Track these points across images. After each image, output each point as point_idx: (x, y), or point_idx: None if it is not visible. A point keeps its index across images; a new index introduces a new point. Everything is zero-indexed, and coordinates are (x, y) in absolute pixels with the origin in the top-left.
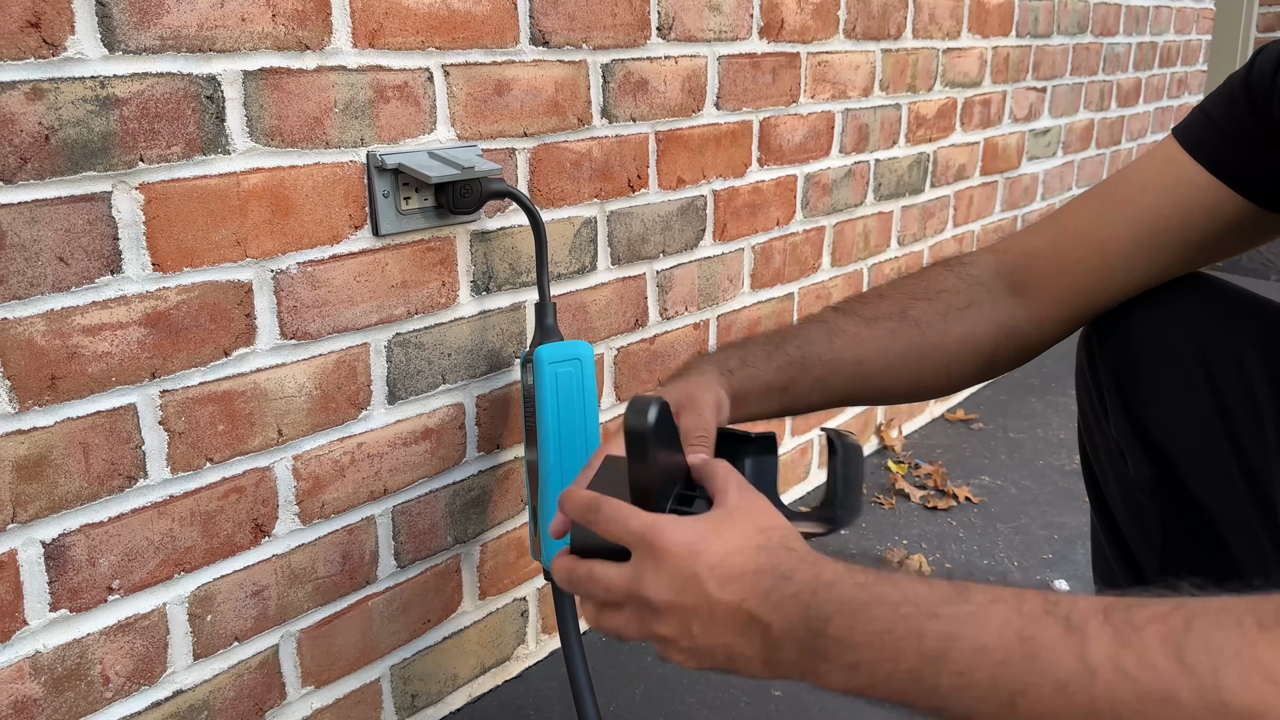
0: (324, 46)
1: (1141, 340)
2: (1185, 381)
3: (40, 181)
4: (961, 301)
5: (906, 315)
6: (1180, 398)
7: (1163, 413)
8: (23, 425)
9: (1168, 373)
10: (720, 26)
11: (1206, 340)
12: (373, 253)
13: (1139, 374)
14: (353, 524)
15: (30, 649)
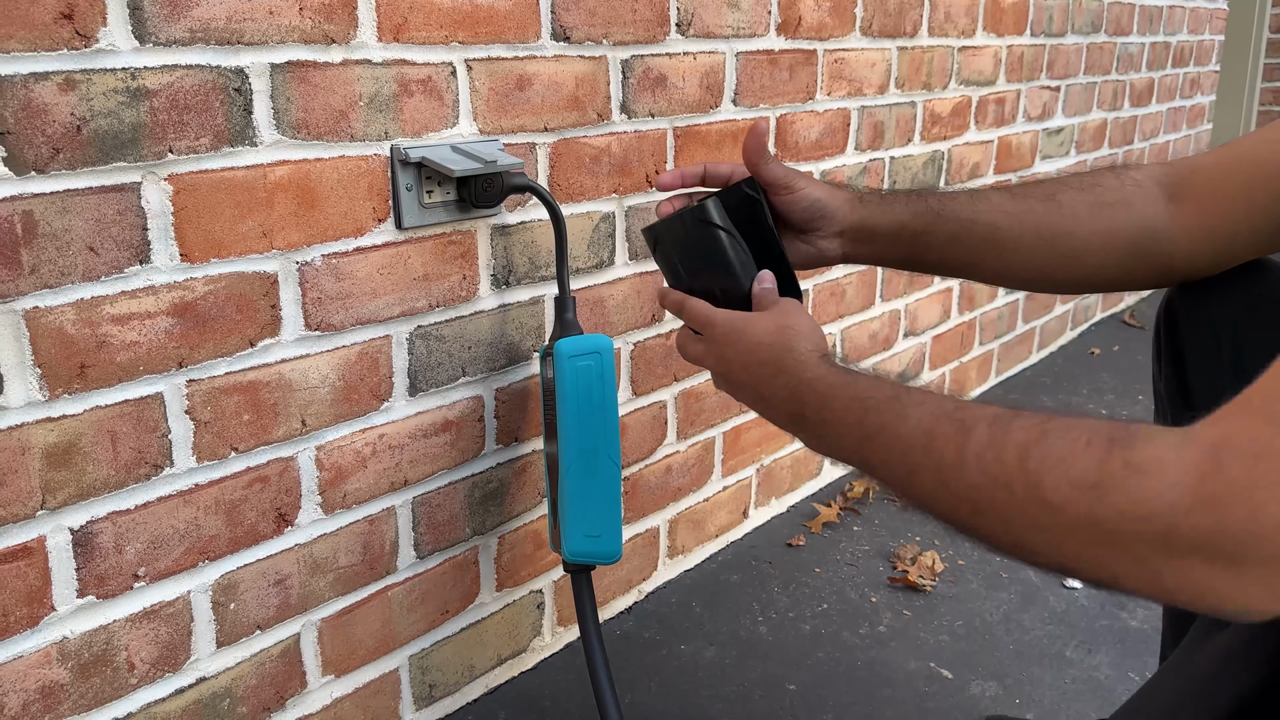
0: (350, 40)
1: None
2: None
3: (72, 172)
4: (1113, 197)
5: (1055, 198)
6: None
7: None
8: (52, 413)
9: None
10: (738, 23)
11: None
12: (395, 245)
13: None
14: (374, 514)
15: (58, 635)
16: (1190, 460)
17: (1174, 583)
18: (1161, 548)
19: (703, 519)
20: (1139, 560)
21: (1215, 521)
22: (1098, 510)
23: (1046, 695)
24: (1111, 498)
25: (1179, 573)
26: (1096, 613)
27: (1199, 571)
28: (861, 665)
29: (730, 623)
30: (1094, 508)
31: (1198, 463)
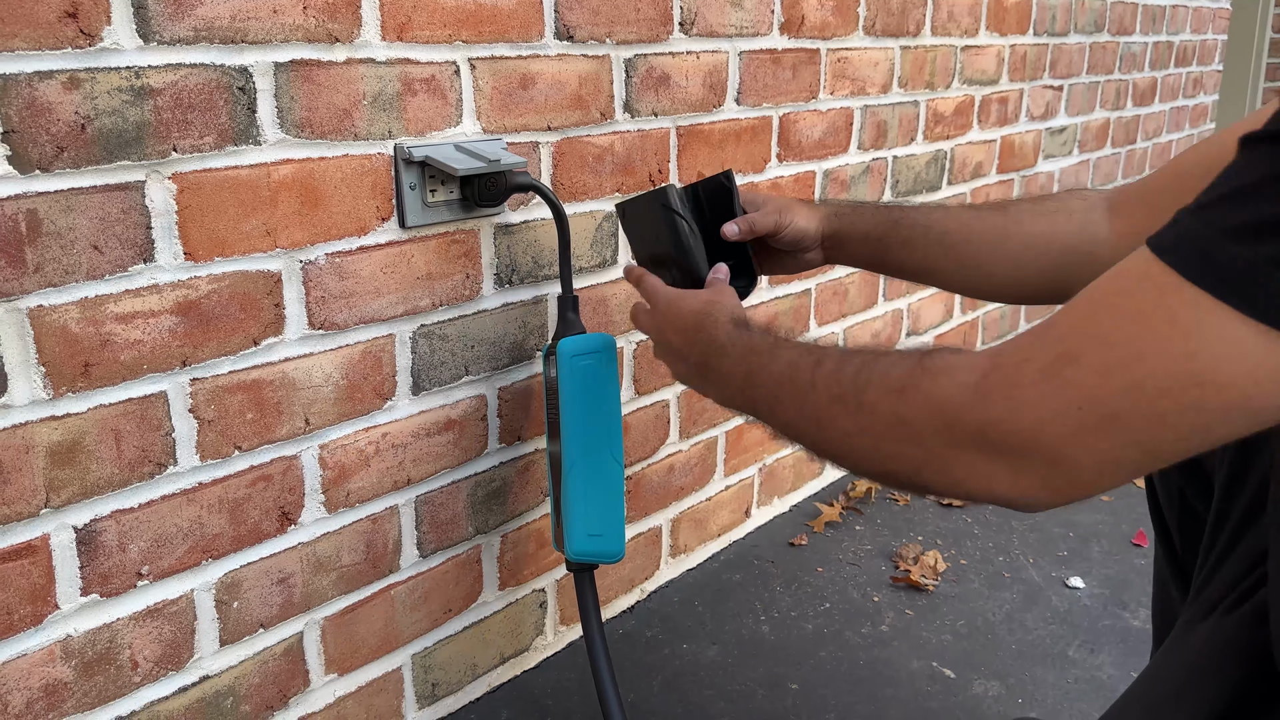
0: (353, 39)
1: None
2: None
3: (76, 170)
4: (1056, 206)
5: (1006, 208)
6: None
7: None
8: (56, 411)
9: None
10: (742, 22)
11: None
12: (399, 244)
13: None
14: (377, 513)
15: (61, 633)
16: (974, 363)
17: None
18: (948, 439)
19: (705, 518)
20: (932, 453)
21: (985, 414)
22: (900, 409)
23: (1049, 695)
24: (910, 396)
25: (965, 465)
26: (1099, 612)
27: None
28: (864, 664)
29: (732, 622)
30: (897, 407)
31: (979, 365)
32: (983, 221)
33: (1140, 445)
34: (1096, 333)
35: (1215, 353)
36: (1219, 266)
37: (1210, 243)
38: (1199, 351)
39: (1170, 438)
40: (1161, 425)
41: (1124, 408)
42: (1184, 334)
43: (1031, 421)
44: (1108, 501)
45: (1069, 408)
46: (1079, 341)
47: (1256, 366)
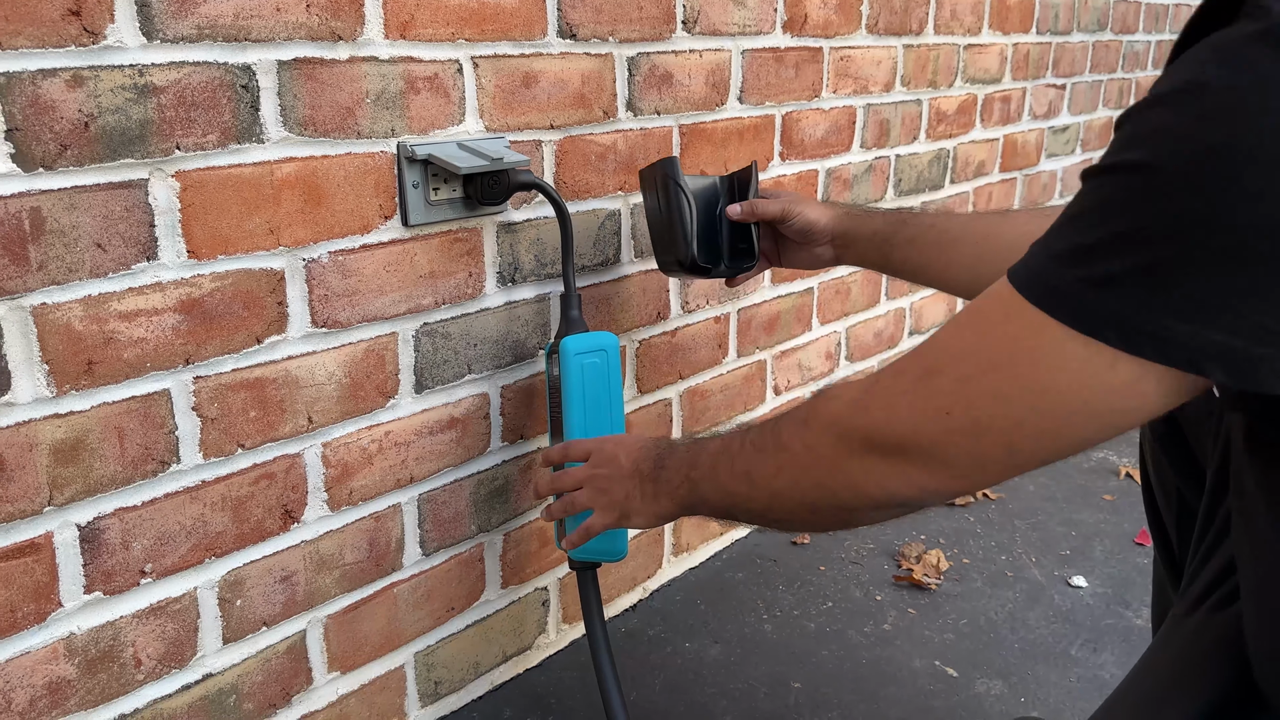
0: (356, 37)
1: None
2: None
3: (79, 168)
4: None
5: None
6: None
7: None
8: (60, 409)
9: None
10: (744, 20)
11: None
12: (402, 243)
13: None
14: (379, 511)
15: (65, 630)
16: (859, 384)
17: (861, 478)
18: (845, 449)
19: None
20: (836, 466)
21: (868, 421)
22: (805, 436)
23: (1052, 694)
24: (811, 422)
25: (861, 469)
26: (1102, 611)
27: (874, 466)
28: (866, 663)
29: (735, 620)
30: (804, 435)
31: (863, 384)
32: (983, 222)
33: (1004, 446)
34: (957, 348)
35: (1051, 364)
36: (1050, 288)
37: (1043, 267)
38: (1039, 363)
39: (1027, 439)
40: (1018, 429)
41: (983, 413)
42: (1026, 349)
43: (907, 425)
44: (1110, 501)
45: (938, 413)
46: (943, 356)
47: (1085, 374)
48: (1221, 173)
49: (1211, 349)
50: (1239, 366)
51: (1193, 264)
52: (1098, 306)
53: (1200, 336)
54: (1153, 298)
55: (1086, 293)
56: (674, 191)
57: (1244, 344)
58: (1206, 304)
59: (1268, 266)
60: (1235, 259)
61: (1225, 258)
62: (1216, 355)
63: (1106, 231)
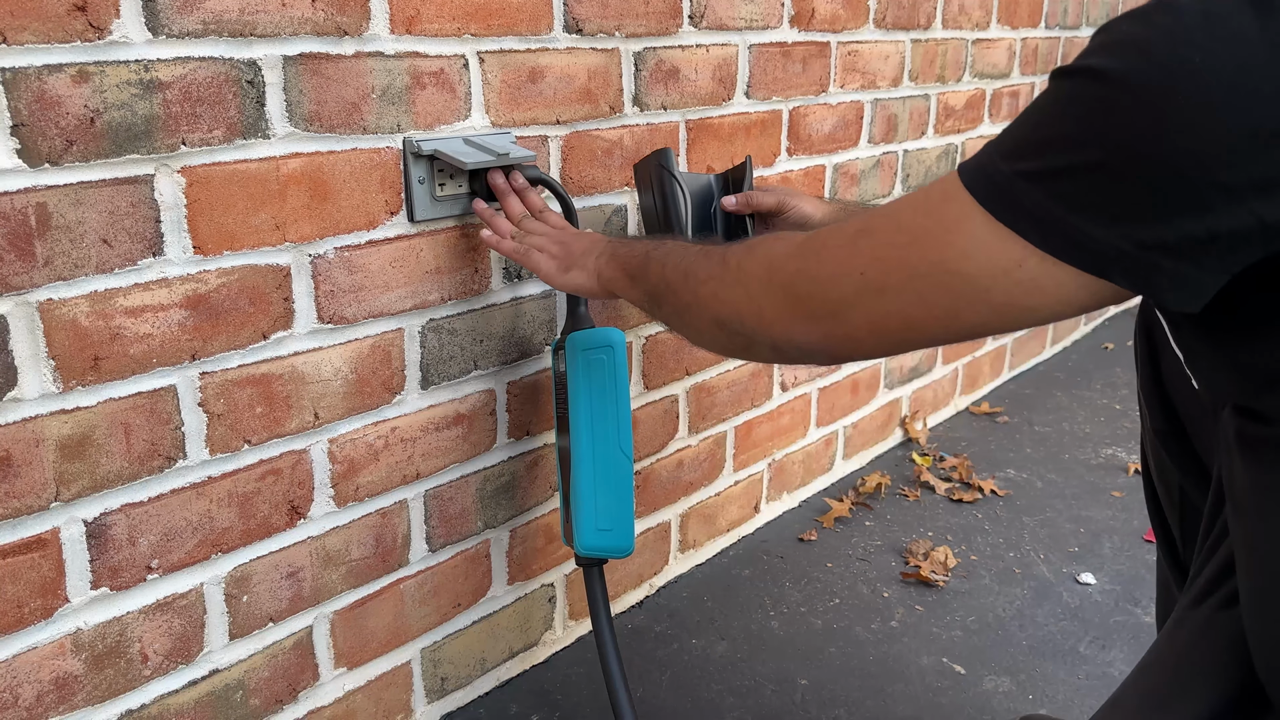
0: (362, 32)
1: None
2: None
3: (85, 164)
4: None
5: None
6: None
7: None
8: (66, 405)
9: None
10: (751, 15)
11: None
12: (408, 238)
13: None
14: (386, 507)
15: (71, 626)
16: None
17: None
18: (767, 283)
19: (714, 513)
20: (754, 296)
21: (798, 264)
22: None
23: (1060, 691)
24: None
25: (773, 309)
26: (1110, 609)
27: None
28: (873, 660)
29: (741, 617)
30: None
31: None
32: None
33: (902, 316)
34: (894, 217)
35: (966, 247)
36: (986, 176)
37: (988, 158)
38: (955, 243)
39: (926, 315)
40: (920, 302)
41: (894, 281)
42: (948, 228)
43: (828, 275)
44: (1119, 497)
45: (855, 270)
46: (881, 222)
47: (993, 263)
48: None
49: (1117, 255)
50: (1141, 275)
51: (1118, 172)
52: (1022, 197)
53: (1110, 242)
54: (1074, 197)
55: (1017, 183)
56: (668, 183)
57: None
58: (1122, 212)
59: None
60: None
61: (1148, 172)
62: (1122, 262)
63: (1051, 130)
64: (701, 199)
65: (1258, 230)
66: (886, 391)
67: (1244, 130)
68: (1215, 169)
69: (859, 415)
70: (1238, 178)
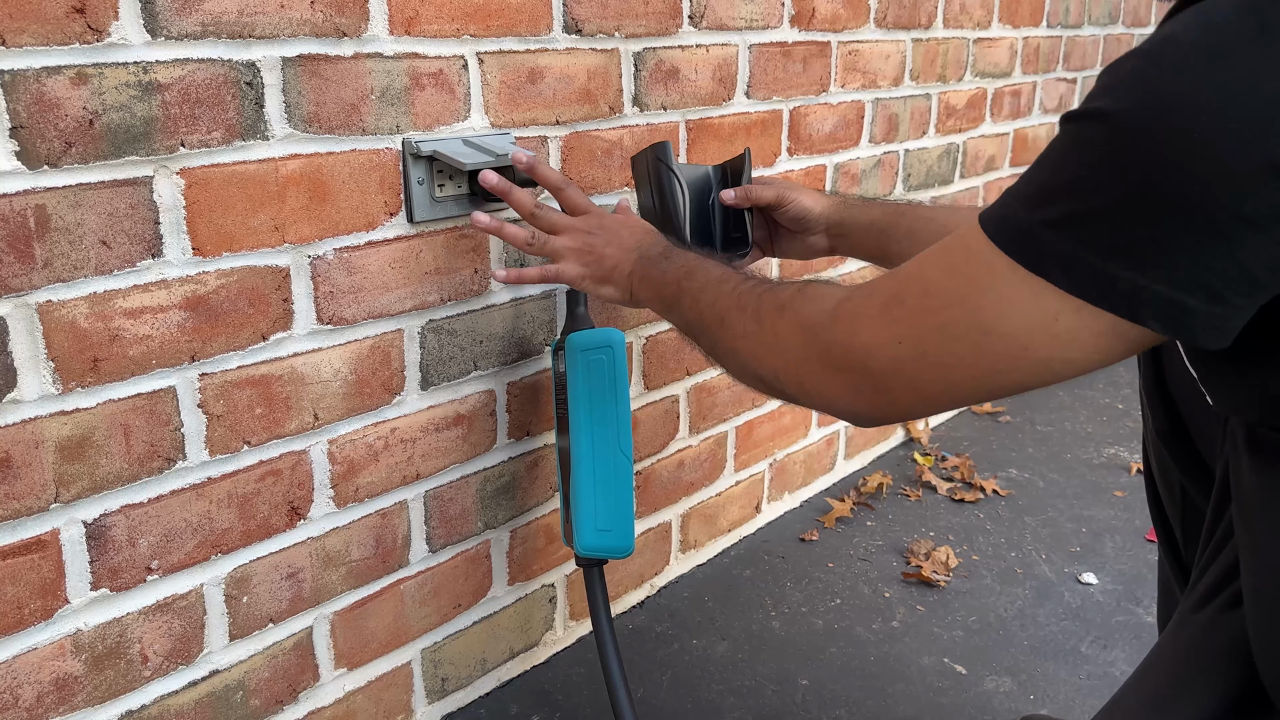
0: (361, 34)
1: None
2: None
3: (84, 166)
4: None
5: None
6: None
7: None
8: (66, 406)
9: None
10: (752, 15)
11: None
12: (407, 239)
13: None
14: (386, 508)
15: (71, 627)
16: (836, 294)
17: (810, 384)
18: (804, 353)
19: (715, 513)
20: (790, 362)
21: (832, 335)
22: (777, 323)
23: (1061, 691)
24: (787, 314)
25: (813, 376)
26: (1112, 608)
27: (824, 376)
28: (874, 660)
29: (742, 617)
30: (776, 321)
31: (839, 296)
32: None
33: (943, 381)
34: (922, 281)
35: (1000, 307)
36: (1010, 227)
37: (1008, 207)
38: (989, 304)
39: (966, 377)
40: (960, 365)
41: (931, 346)
42: (981, 289)
43: (864, 346)
44: (1121, 497)
45: (892, 340)
46: (909, 286)
47: (1030, 317)
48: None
49: (1149, 297)
50: (1173, 318)
51: (1139, 214)
52: (1049, 247)
53: (1140, 285)
54: (1100, 242)
55: (1043, 233)
56: (665, 176)
57: (1180, 296)
58: (1149, 254)
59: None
60: (1178, 213)
61: (1168, 211)
62: (1153, 304)
63: (1068, 175)
64: (699, 191)
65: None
66: None
67: (1259, 162)
68: (1234, 203)
69: None
70: (1259, 209)
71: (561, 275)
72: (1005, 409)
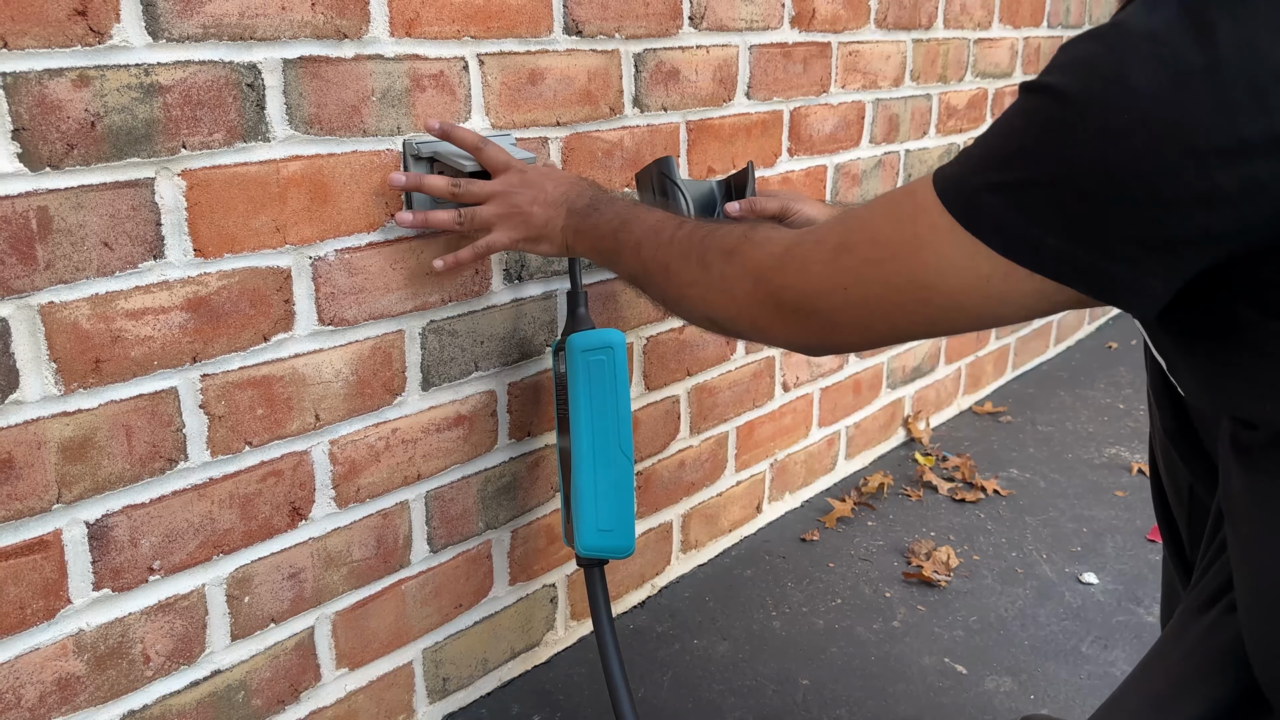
0: (362, 35)
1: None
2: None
3: (86, 168)
4: None
5: None
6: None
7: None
8: (68, 407)
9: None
10: (752, 15)
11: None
12: (408, 240)
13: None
14: (387, 508)
15: (74, 627)
16: (784, 239)
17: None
18: (755, 295)
19: (716, 513)
20: (742, 306)
21: (781, 280)
22: (726, 269)
23: (1062, 691)
24: (735, 259)
25: (764, 314)
26: (1113, 608)
27: (774, 316)
28: (875, 660)
29: (743, 617)
30: (725, 267)
31: (787, 241)
32: None
33: (888, 323)
34: (871, 231)
35: (939, 264)
36: (957, 188)
37: (958, 170)
38: (930, 261)
39: (909, 322)
40: (902, 312)
41: (875, 295)
42: (922, 244)
43: (814, 291)
44: (1122, 497)
45: (839, 287)
46: (858, 235)
47: (966, 275)
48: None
49: (1075, 262)
50: (1098, 282)
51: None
52: (987, 209)
53: (1067, 250)
54: (1034, 208)
55: (983, 195)
56: (670, 190)
57: (1104, 262)
58: (1078, 222)
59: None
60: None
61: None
62: (1079, 269)
63: (1014, 143)
64: (704, 205)
65: (1205, 238)
66: (889, 391)
67: (1183, 147)
68: (1158, 184)
69: (861, 415)
70: (1180, 192)
71: (494, 245)
72: (1007, 409)
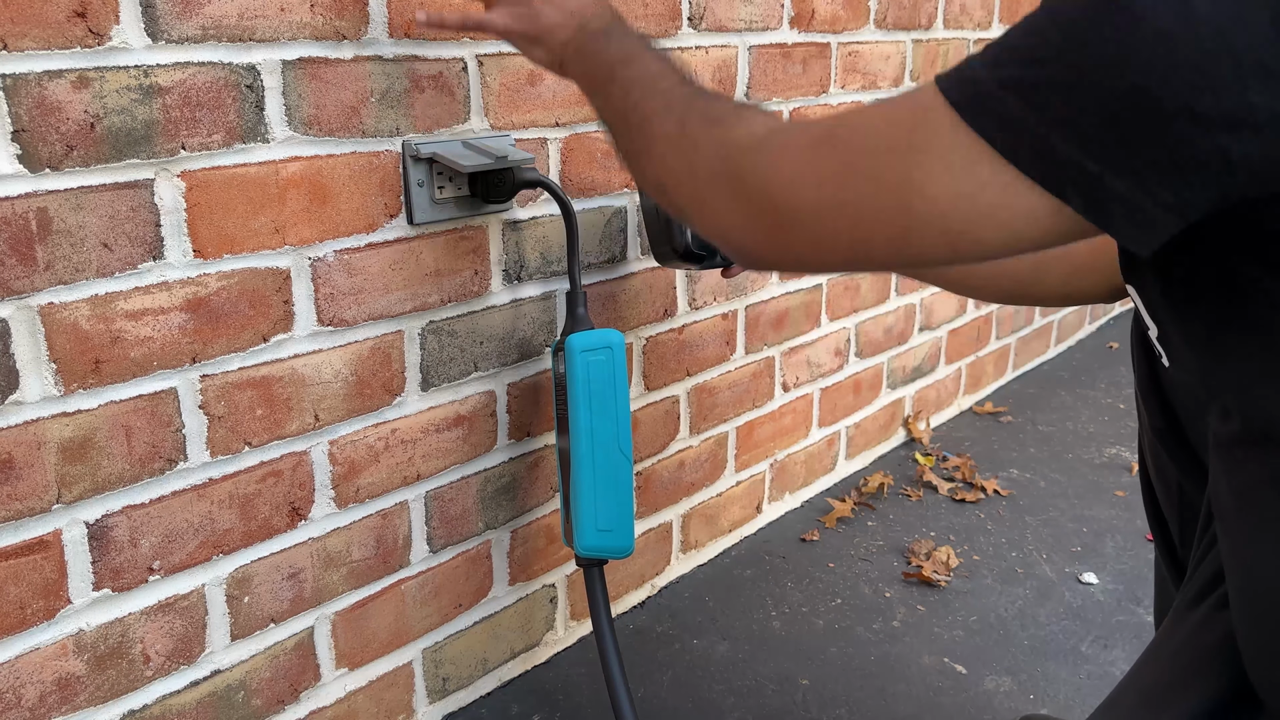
0: (361, 36)
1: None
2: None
3: (85, 169)
4: None
5: None
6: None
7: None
8: (68, 408)
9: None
10: (751, 16)
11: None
12: (407, 241)
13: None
14: (387, 509)
15: (74, 627)
16: (769, 122)
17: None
18: (718, 171)
19: (716, 514)
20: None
21: (754, 161)
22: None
23: (1061, 691)
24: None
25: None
26: (1113, 608)
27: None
28: (875, 660)
29: (743, 617)
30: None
31: (771, 124)
32: None
33: (851, 234)
34: (863, 126)
35: (933, 164)
36: (964, 81)
37: (969, 64)
38: (923, 160)
39: (877, 235)
40: (875, 220)
41: (852, 195)
42: (918, 141)
43: (783, 180)
44: (1122, 497)
45: (814, 181)
46: (848, 131)
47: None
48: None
49: (1082, 173)
50: (1097, 199)
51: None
52: (995, 103)
53: (1073, 157)
54: (1046, 109)
55: (994, 89)
56: None
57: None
58: (1090, 129)
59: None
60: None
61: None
62: (1081, 180)
63: (1034, 40)
64: None
65: (1222, 166)
66: (889, 391)
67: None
68: (1189, 95)
69: (861, 415)
70: (1210, 107)
71: (487, 23)
72: (1007, 409)
